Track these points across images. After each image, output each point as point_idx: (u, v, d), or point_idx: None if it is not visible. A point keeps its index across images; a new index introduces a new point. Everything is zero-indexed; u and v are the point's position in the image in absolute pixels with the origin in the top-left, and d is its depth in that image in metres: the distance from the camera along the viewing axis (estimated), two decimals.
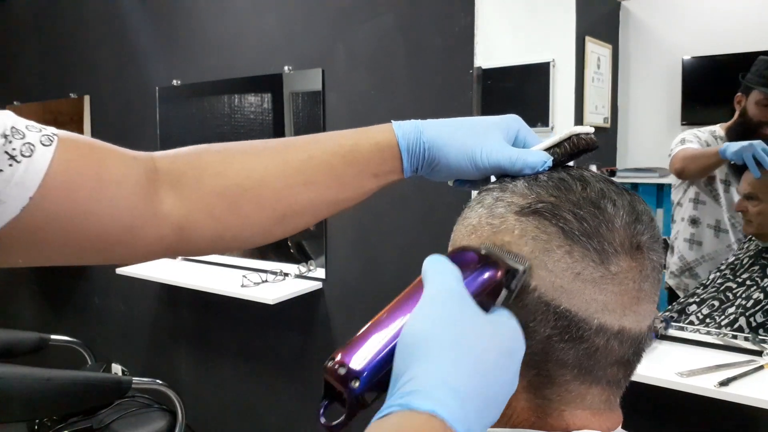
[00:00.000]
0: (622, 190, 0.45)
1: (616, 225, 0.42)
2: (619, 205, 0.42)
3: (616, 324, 0.41)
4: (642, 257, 0.42)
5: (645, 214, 0.44)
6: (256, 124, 2.45)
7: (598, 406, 0.44)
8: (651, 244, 0.43)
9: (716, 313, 1.46)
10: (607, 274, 0.41)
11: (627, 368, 0.44)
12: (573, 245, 0.41)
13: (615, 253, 0.41)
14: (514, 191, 0.45)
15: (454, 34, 1.71)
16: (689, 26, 1.58)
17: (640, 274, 0.42)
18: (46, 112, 3.17)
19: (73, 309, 3.10)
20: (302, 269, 2.10)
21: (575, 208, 0.42)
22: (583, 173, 0.45)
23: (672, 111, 1.58)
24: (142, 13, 2.58)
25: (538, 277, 0.41)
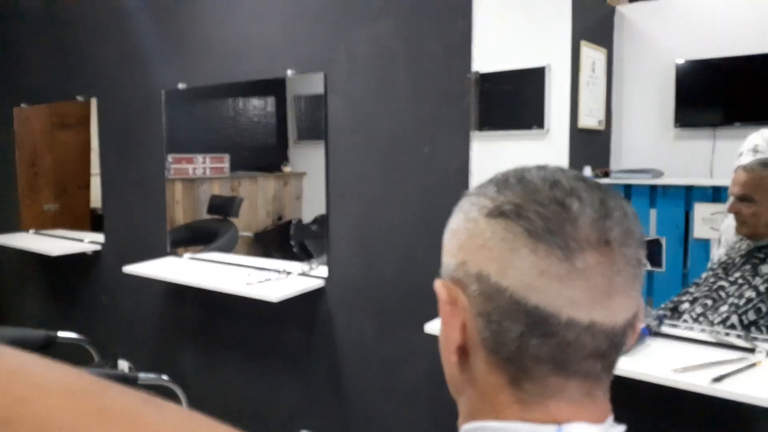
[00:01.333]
0: (594, 187, 0.45)
1: (582, 221, 0.42)
2: (587, 201, 0.43)
3: (586, 318, 0.42)
4: (611, 252, 0.42)
5: (618, 209, 0.44)
6: (260, 126, 2.48)
7: (579, 399, 0.45)
8: (623, 239, 0.43)
9: (709, 312, 1.47)
10: (572, 270, 0.41)
11: (604, 361, 0.44)
12: (537, 243, 0.42)
13: (580, 249, 0.42)
14: (485, 195, 0.46)
15: (452, 39, 1.74)
16: (683, 30, 1.59)
17: (610, 269, 0.42)
18: (53, 114, 3.21)
19: (80, 307, 3.14)
20: (305, 268, 2.13)
21: (539, 208, 0.43)
22: (555, 173, 0.46)
23: (665, 113, 1.59)
24: (149, 18, 2.60)
25: (508, 276, 0.43)
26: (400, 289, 1.92)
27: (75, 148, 3.13)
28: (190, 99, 2.53)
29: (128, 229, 2.82)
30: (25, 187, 3.34)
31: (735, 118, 1.55)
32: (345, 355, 2.11)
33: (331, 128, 2.03)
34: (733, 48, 1.50)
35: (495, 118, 1.71)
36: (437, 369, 0.52)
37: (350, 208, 2.03)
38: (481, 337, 0.45)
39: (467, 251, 0.45)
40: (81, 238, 3.01)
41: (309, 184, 2.25)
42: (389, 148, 1.91)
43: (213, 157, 2.56)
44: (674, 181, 1.57)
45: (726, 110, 1.57)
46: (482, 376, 0.46)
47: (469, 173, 1.69)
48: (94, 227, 3.03)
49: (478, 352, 0.45)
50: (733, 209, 1.44)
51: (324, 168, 2.06)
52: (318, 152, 2.07)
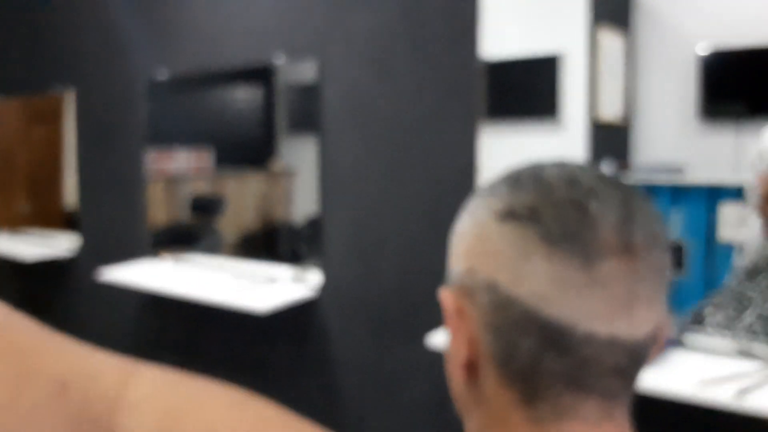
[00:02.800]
0: (616, 186, 0.42)
1: (602, 225, 0.39)
2: (608, 203, 0.40)
3: (605, 332, 0.39)
4: (634, 259, 0.39)
5: (641, 211, 0.41)
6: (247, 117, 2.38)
7: (596, 419, 0.42)
8: (647, 244, 0.40)
9: (733, 320, 1.44)
10: (591, 279, 0.39)
11: (624, 378, 0.41)
12: (553, 250, 0.39)
13: (600, 256, 0.39)
14: (496, 195, 0.43)
15: (458, 22, 1.69)
16: (707, 16, 1.53)
17: (632, 278, 0.39)
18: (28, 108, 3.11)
19: (53, 319, 3.00)
20: (296, 273, 2.03)
21: (555, 210, 0.40)
22: (573, 171, 0.43)
23: (688, 105, 1.52)
24: (127, 1, 2.52)
25: (521, 286, 0.40)
26: (401, 299, 1.86)
27: (48, 144, 3.03)
28: (173, 90, 2.43)
29: (106, 230, 2.72)
30: None
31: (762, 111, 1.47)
32: (340, 367, 2.02)
33: (325, 120, 1.95)
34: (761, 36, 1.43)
35: (504, 108, 1.65)
36: (440, 386, 0.46)
37: (346, 208, 1.96)
38: (491, 351, 0.42)
39: (475, 257, 0.43)
40: (55, 239, 2.89)
41: (300, 182, 2.14)
42: (389, 142, 1.84)
43: (196, 152, 2.45)
44: (697, 179, 1.50)
45: (752, 102, 1.50)
46: (492, 394, 0.43)
47: (477, 169, 1.64)
48: (68, 226, 2.91)
49: (488, 368, 0.43)
50: (764, 210, 1.38)
51: (317, 164, 1.99)
52: (310, 146, 1.98)
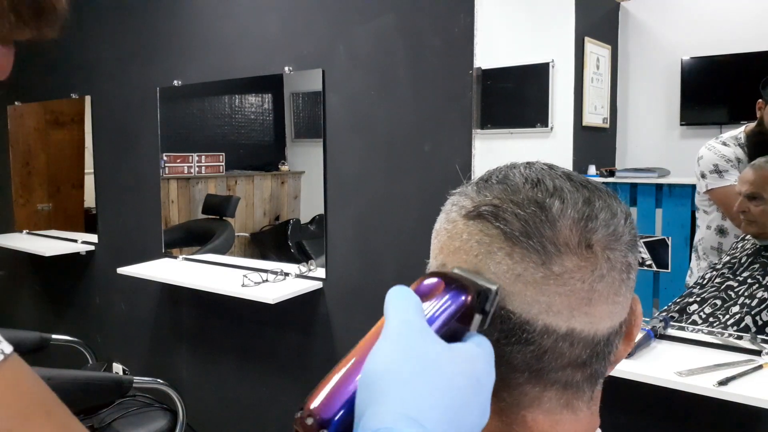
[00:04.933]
0: (582, 186, 0.43)
1: (562, 223, 0.40)
2: (570, 202, 0.41)
3: (564, 325, 0.40)
4: (593, 256, 0.40)
5: (605, 210, 0.42)
6: (257, 124, 2.45)
7: (557, 410, 0.43)
8: (608, 242, 0.41)
9: (719, 312, 1.45)
10: (549, 275, 0.40)
11: (584, 370, 0.42)
12: (513, 247, 0.40)
13: (558, 253, 0.40)
14: (465, 195, 0.45)
15: (454, 34, 1.71)
16: (688, 27, 1.58)
17: (591, 274, 0.40)
18: (47, 112, 3.17)
19: (74, 309, 3.11)
20: (302, 269, 2.11)
21: (517, 209, 0.41)
22: (541, 172, 0.44)
23: (671, 111, 1.58)
24: (143, 14, 2.58)
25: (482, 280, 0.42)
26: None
27: (69, 146, 3.10)
28: (186, 96, 2.50)
29: (122, 229, 2.79)
30: (18, 186, 3.31)
31: (741, 117, 1.53)
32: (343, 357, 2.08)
33: (330, 126, 2.01)
34: (740, 45, 1.49)
35: (498, 115, 1.69)
36: None
37: (349, 208, 2.00)
38: None
39: (447, 253, 0.44)
40: (74, 239, 2.98)
41: (307, 184, 2.22)
42: (389, 146, 1.89)
43: (208, 156, 2.53)
44: (680, 181, 1.55)
45: (732, 108, 1.56)
46: None
47: (472, 172, 1.67)
48: (87, 227, 3.00)
49: None
50: (742, 207, 1.43)
51: (322, 167, 2.04)
52: (316, 151, 2.04)
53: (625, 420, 1.52)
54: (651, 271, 1.56)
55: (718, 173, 1.47)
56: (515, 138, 1.70)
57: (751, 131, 1.44)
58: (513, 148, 1.68)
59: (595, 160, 1.64)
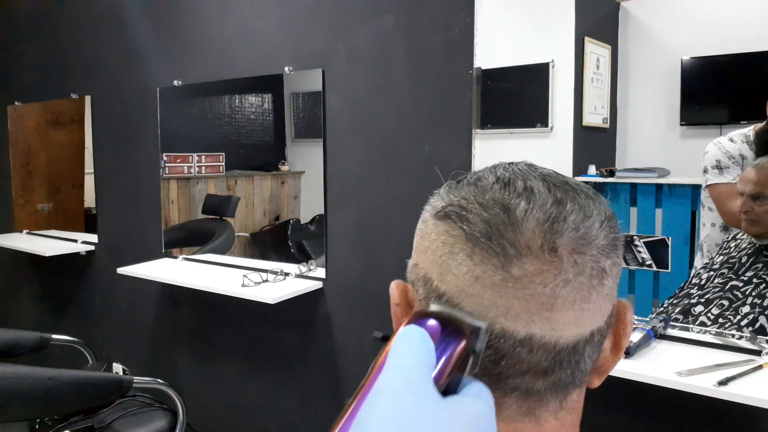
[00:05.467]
0: (557, 187, 0.41)
1: (526, 226, 0.39)
2: (538, 203, 0.39)
3: (523, 330, 0.39)
4: (558, 260, 0.38)
5: (576, 212, 0.40)
6: (257, 124, 2.46)
7: (518, 418, 0.41)
8: (576, 245, 0.39)
9: (729, 313, 1.44)
10: (508, 278, 0.38)
11: (546, 378, 0.40)
12: (474, 248, 0.39)
13: (518, 256, 0.38)
14: (439, 195, 0.44)
15: (453, 34, 1.71)
16: (688, 27, 1.58)
17: (554, 279, 0.38)
18: (47, 112, 3.18)
19: (74, 308, 3.11)
20: (303, 269, 2.11)
21: (481, 210, 0.40)
22: (516, 172, 0.42)
23: (671, 111, 1.58)
24: (144, 13, 2.58)
25: (446, 281, 0.41)
26: None
27: (69, 146, 3.10)
28: (186, 96, 2.50)
29: (122, 229, 2.79)
30: (18, 186, 3.31)
31: (741, 117, 1.53)
32: (343, 358, 2.09)
33: (330, 126, 2.01)
34: (740, 45, 1.49)
35: (497, 115, 1.69)
36: None
37: (349, 208, 2.01)
38: None
39: (418, 253, 0.44)
40: (74, 239, 2.98)
41: (307, 184, 2.22)
42: (389, 146, 1.89)
43: (208, 156, 2.53)
44: (680, 181, 1.55)
45: (732, 108, 1.56)
46: None
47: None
48: (87, 227, 3.00)
49: None
50: (745, 207, 1.43)
51: (322, 167, 2.04)
52: (316, 151, 2.05)
53: (625, 420, 1.52)
54: (651, 271, 1.56)
55: (718, 169, 1.47)
56: (515, 138, 1.70)
57: (760, 130, 1.44)
58: (513, 148, 1.68)
59: (595, 160, 1.64)
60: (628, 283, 1.61)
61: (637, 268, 1.57)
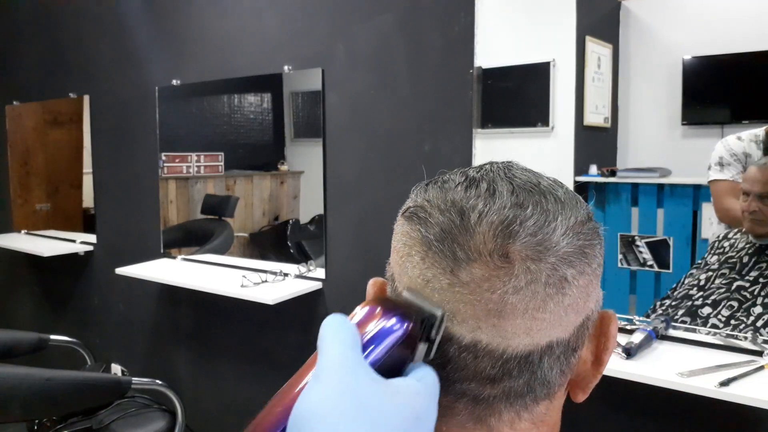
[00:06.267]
0: (522, 188, 0.39)
1: (478, 229, 0.37)
2: (495, 206, 0.38)
3: (468, 336, 0.38)
4: (509, 266, 0.37)
5: (536, 216, 0.38)
6: (256, 123, 2.45)
7: (469, 425, 0.40)
8: (532, 252, 0.37)
9: (741, 315, 1.43)
10: (455, 282, 0.38)
11: (494, 386, 0.39)
12: (427, 251, 0.39)
13: (468, 261, 0.37)
14: (411, 194, 0.44)
15: (454, 33, 1.71)
16: (690, 26, 1.57)
17: (503, 285, 0.37)
18: (46, 111, 3.17)
19: (72, 309, 3.10)
20: (302, 269, 2.10)
21: (438, 213, 0.39)
22: (486, 172, 0.41)
23: (673, 111, 1.57)
24: (142, 13, 2.57)
25: (403, 282, 0.41)
26: None
27: (67, 146, 3.09)
28: (185, 96, 2.49)
29: (121, 230, 2.78)
30: (17, 186, 3.30)
31: (743, 116, 1.53)
32: None
33: (329, 125, 2.00)
34: (742, 44, 1.48)
35: (498, 115, 1.68)
36: None
37: (349, 208, 2.00)
38: None
39: (391, 252, 0.45)
40: (73, 239, 2.97)
41: (306, 183, 2.22)
42: (389, 146, 1.88)
43: (207, 156, 2.53)
44: (682, 180, 1.55)
45: (734, 108, 1.55)
46: None
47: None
48: (86, 227, 2.99)
49: None
50: (752, 207, 1.42)
51: (322, 167, 2.03)
52: (316, 150, 2.04)
53: (626, 420, 1.52)
54: (653, 271, 1.56)
55: (720, 166, 1.46)
56: (516, 137, 1.70)
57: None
58: (513, 148, 1.68)
59: (596, 159, 1.63)
60: (630, 284, 1.60)
61: (639, 268, 1.56)
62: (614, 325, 0.43)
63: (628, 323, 1.50)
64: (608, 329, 0.42)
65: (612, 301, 1.57)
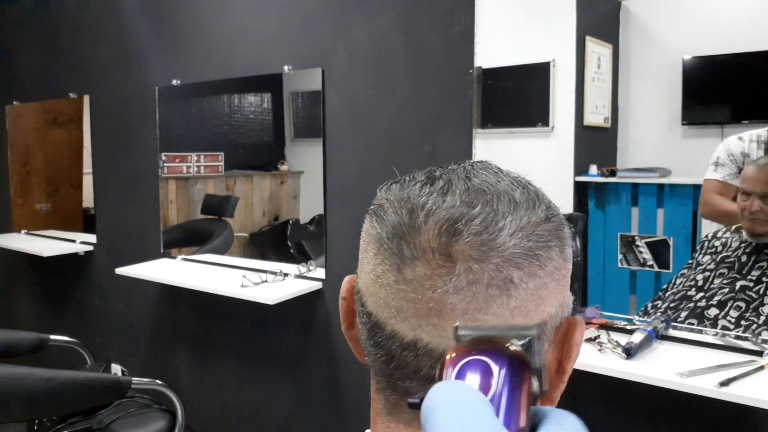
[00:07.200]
0: (478, 188, 0.38)
1: (426, 227, 0.37)
2: (445, 205, 0.38)
3: (410, 333, 0.38)
4: (451, 266, 0.36)
5: (483, 216, 0.37)
6: (256, 123, 2.45)
7: (414, 423, 0.39)
8: (476, 253, 0.36)
9: (750, 315, 1.42)
10: (400, 280, 0.38)
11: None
12: (379, 247, 0.40)
13: (412, 258, 0.37)
14: (379, 190, 0.44)
15: (454, 33, 1.71)
16: (690, 26, 1.57)
17: (444, 284, 0.36)
18: (46, 111, 3.17)
19: (72, 309, 3.10)
20: (302, 269, 2.10)
21: (392, 210, 0.40)
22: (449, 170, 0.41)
23: (673, 111, 1.57)
24: (142, 13, 2.57)
25: (360, 278, 0.42)
26: None
27: (67, 146, 3.09)
28: (184, 96, 2.49)
29: (121, 230, 2.78)
30: (17, 186, 3.30)
31: (743, 116, 1.52)
32: (343, 359, 2.08)
33: (329, 126, 2.00)
34: (742, 44, 1.48)
35: (498, 115, 1.68)
36: None
37: (349, 208, 2.00)
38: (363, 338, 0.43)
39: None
40: (73, 239, 2.97)
41: (306, 183, 2.22)
42: (389, 146, 1.88)
43: (207, 156, 2.53)
44: (682, 180, 1.55)
45: (734, 108, 1.55)
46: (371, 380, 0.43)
47: None
48: (86, 227, 2.99)
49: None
50: (753, 207, 1.41)
51: (322, 167, 2.03)
52: (315, 150, 2.04)
53: (626, 421, 1.52)
54: (653, 271, 1.56)
55: (716, 165, 1.47)
56: (516, 137, 1.69)
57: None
58: (513, 148, 1.68)
59: (596, 159, 1.63)
60: (630, 284, 1.60)
61: (639, 268, 1.56)
62: (579, 332, 0.41)
63: (628, 323, 1.50)
64: (572, 337, 0.41)
65: (612, 301, 1.57)
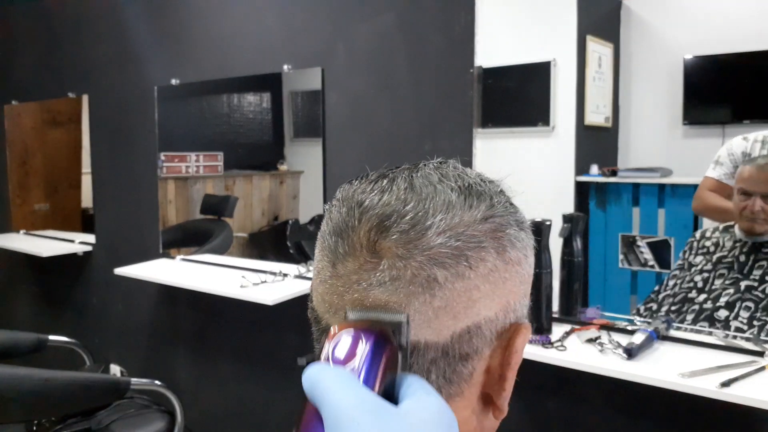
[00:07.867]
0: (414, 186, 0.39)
1: (358, 225, 0.38)
2: (381, 202, 0.38)
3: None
4: (377, 260, 0.37)
5: (413, 213, 0.37)
6: (255, 123, 2.44)
7: None
8: (403, 249, 0.37)
9: (761, 315, 1.41)
10: (334, 275, 0.40)
11: None
12: (322, 244, 0.42)
13: (344, 254, 0.39)
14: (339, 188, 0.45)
15: (454, 33, 1.71)
16: (691, 25, 1.57)
17: (369, 278, 0.37)
18: (44, 111, 3.17)
19: (71, 309, 3.09)
20: (302, 269, 2.09)
21: (336, 207, 0.41)
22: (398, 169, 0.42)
23: (674, 110, 1.57)
24: (141, 12, 2.57)
25: (313, 273, 0.44)
26: None
27: (66, 146, 3.09)
28: (184, 95, 2.49)
29: (120, 230, 2.78)
30: (15, 186, 3.29)
31: (745, 116, 1.52)
32: None
33: (329, 125, 2.00)
34: (743, 43, 1.48)
35: (499, 114, 1.68)
36: None
37: None
38: None
39: None
40: (72, 239, 2.97)
41: (306, 183, 2.21)
42: (389, 145, 1.88)
43: (206, 155, 2.52)
44: (683, 180, 1.54)
45: (735, 108, 1.55)
46: None
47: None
48: (85, 227, 2.99)
49: None
50: (755, 207, 1.40)
51: (321, 166, 2.03)
52: (315, 150, 2.04)
53: (627, 421, 1.51)
54: (653, 271, 1.55)
55: (715, 164, 1.47)
56: (516, 137, 1.69)
57: None
58: (514, 147, 1.68)
59: (597, 159, 1.63)
60: (631, 284, 1.60)
61: (640, 268, 1.56)
62: (521, 338, 0.41)
63: (629, 324, 1.49)
64: (513, 343, 0.40)
65: (613, 301, 1.56)
